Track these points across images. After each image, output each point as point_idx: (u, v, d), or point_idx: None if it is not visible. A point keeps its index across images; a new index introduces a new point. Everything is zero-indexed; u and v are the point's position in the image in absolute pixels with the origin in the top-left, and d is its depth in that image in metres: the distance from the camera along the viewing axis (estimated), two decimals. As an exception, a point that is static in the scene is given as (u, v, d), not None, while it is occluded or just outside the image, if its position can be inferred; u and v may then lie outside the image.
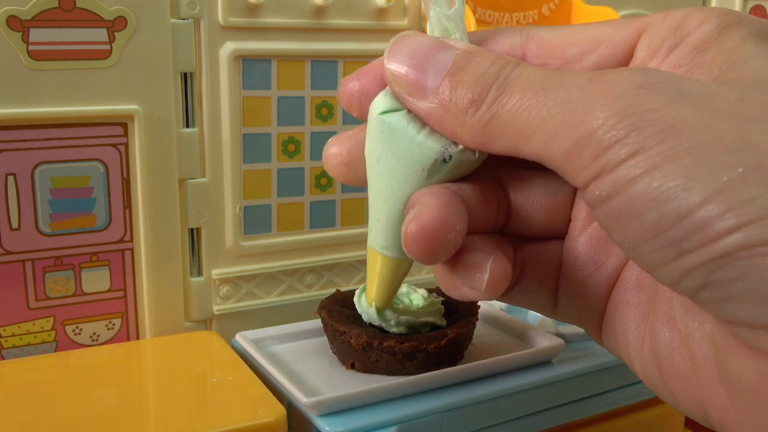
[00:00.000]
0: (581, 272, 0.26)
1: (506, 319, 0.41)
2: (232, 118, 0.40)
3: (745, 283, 0.18)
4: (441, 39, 0.25)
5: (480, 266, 0.24)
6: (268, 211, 0.43)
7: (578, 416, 0.38)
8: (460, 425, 0.34)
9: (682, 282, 0.19)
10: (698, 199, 0.18)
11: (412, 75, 0.24)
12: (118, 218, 0.38)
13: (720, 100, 0.19)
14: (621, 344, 0.25)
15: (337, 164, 0.27)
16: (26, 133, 0.35)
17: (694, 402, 0.22)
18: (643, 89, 0.20)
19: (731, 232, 0.18)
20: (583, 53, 0.25)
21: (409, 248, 0.23)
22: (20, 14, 0.34)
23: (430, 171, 0.25)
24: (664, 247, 0.19)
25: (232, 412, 0.32)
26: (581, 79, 0.21)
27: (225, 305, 0.42)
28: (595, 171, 0.20)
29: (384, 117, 0.25)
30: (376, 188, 0.26)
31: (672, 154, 0.18)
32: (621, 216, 0.20)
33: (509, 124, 0.22)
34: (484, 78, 0.23)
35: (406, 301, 0.36)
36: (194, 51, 0.39)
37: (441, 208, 0.23)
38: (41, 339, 0.38)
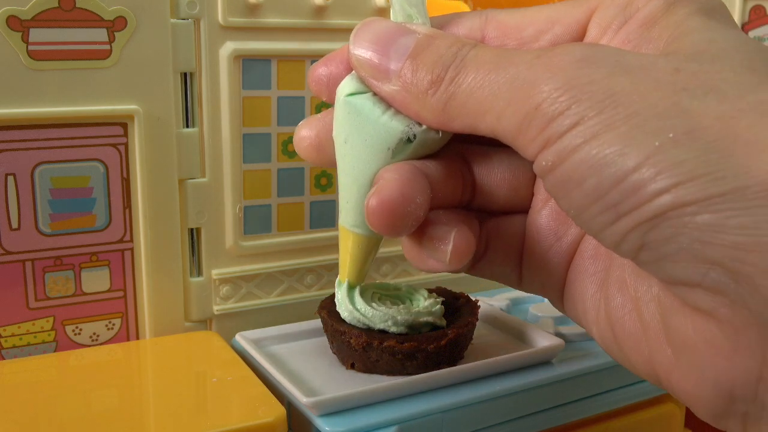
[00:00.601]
0: (543, 244, 0.27)
1: (506, 319, 0.41)
2: (232, 118, 0.40)
3: (676, 242, 0.19)
4: (403, 24, 0.26)
5: (443, 238, 0.25)
6: (268, 211, 0.43)
7: (578, 416, 0.38)
8: (460, 425, 0.34)
9: (622, 244, 0.20)
10: (632, 164, 0.19)
11: (375, 59, 0.25)
12: (118, 218, 0.38)
13: (657, 71, 0.20)
14: (580, 311, 0.26)
15: (306, 146, 0.29)
16: (26, 133, 0.35)
17: (644, 362, 0.23)
18: (584, 63, 0.21)
19: (662, 193, 0.18)
20: (539, 33, 0.26)
21: (371, 221, 0.25)
22: (20, 14, 0.34)
23: (395, 150, 0.26)
24: (603, 211, 0.20)
25: (232, 412, 0.32)
26: (529, 56, 0.22)
27: (225, 305, 0.42)
28: (541, 143, 0.21)
29: (350, 99, 0.26)
30: (344, 168, 0.27)
31: (610, 123, 0.19)
32: (565, 184, 0.21)
33: (465, 102, 0.23)
34: (442, 60, 0.24)
35: (405, 301, 0.36)
36: (194, 51, 0.39)
37: (402, 183, 0.25)
38: (41, 339, 0.38)
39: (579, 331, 0.40)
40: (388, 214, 0.24)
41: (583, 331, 0.41)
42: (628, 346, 0.24)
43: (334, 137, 0.28)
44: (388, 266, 0.46)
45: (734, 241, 0.18)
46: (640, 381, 0.39)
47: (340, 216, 0.29)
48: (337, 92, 0.27)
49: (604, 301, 0.25)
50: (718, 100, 0.19)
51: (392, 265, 0.46)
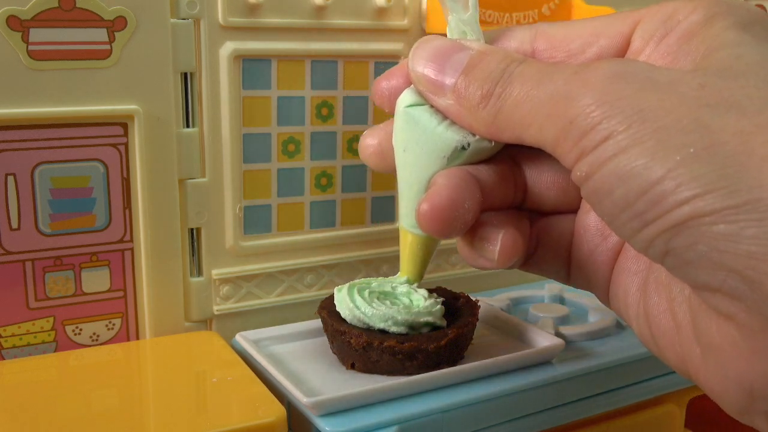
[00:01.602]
0: (590, 243, 0.29)
1: (506, 319, 0.41)
2: (232, 118, 0.40)
3: (696, 250, 0.20)
4: (458, 41, 0.28)
5: (492, 239, 0.28)
6: (268, 211, 0.43)
7: (578, 416, 0.38)
8: (460, 425, 0.34)
9: (649, 250, 0.22)
10: (656, 176, 0.20)
11: (432, 75, 0.27)
12: (118, 218, 0.38)
13: (683, 86, 0.22)
14: (623, 307, 0.28)
15: (370, 153, 0.31)
16: (26, 133, 0.35)
17: (677, 359, 0.25)
18: (615, 79, 0.22)
19: (682, 204, 0.20)
20: (585, 45, 0.28)
21: (422, 224, 0.27)
22: (20, 14, 0.34)
23: (450, 158, 0.28)
24: (631, 219, 0.21)
25: (232, 412, 0.32)
26: (567, 72, 0.24)
27: (225, 305, 0.42)
28: (577, 154, 0.23)
29: (409, 110, 0.28)
30: (403, 174, 0.30)
31: (637, 137, 0.21)
32: (597, 193, 0.22)
33: (512, 115, 0.25)
34: (492, 76, 0.26)
35: (405, 301, 0.36)
36: (194, 51, 0.39)
37: (451, 188, 0.27)
38: (41, 339, 0.38)
39: (579, 331, 0.41)
40: (438, 217, 0.26)
41: (583, 331, 0.41)
42: (663, 343, 0.25)
43: (393, 145, 0.30)
44: (388, 266, 0.46)
45: (748, 251, 0.19)
46: (640, 381, 0.39)
47: (400, 218, 0.31)
48: (397, 104, 0.29)
49: (643, 300, 0.26)
50: (738, 116, 0.20)
51: (392, 265, 0.46)
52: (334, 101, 0.43)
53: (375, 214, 0.46)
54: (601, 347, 0.40)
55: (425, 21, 0.44)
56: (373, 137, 0.31)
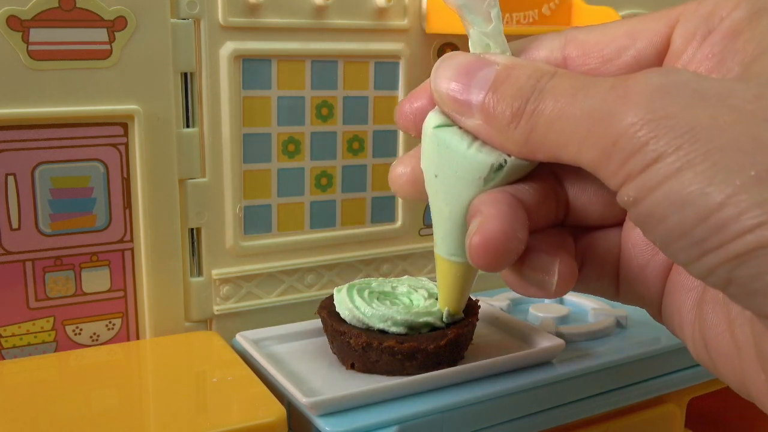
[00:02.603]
0: (640, 258, 0.27)
1: (506, 319, 0.41)
2: (232, 118, 0.40)
3: (764, 279, 0.19)
4: (482, 56, 0.26)
5: (548, 270, 0.25)
6: (268, 211, 0.43)
7: (578, 416, 0.38)
8: (460, 425, 0.34)
9: (709, 278, 0.20)
10: (714, 203, 0.19)
11: (457, 95, 0.25)
12: (118, 218, 0.38)
13: (736, 98, 0.20)
14: (677, 325, 0.26)
15: (404, 183, 0.29)
16: (26, 133, 0.35)
17: (738, 382, 0.23)
18: (660, 93, 0.20)
19: (746, 232, 0.18)
20: (621, 49, 0.26)
21: (474, 258, 0.24)
22: (20, 14, 0.34)
23: (486, 179, 0.26)
24: (688, 247, 0.20)
25: (232, 412, 0.32)
26: (605, 86, 0.22)
27: (225, 305, 0.42)
28: (622, 177, 0.21)
29: (438, 132, 0.26)
30: (437, 200, 0.28)
31: (689, 159, 0.19)
32: (648, 219, 0.21)
33: (546, 135, 0.23)
34: (522, 92, 0.24)
35: (405, 301, 0.36)
36: (194, 51, 0.39)
37: (502, 218, 0.24)
38: (41, 339, 0.38)
39: (579, 331, 0.40)
40: (492, 252, 0.24)
41: (583, 331, 0.41)
42: (722, 365, 0.24)
43: (423, 169, 0.28)
44: (388, 266, 0.46)
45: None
46: (640, 381, 0.39)
47: (435, 245, 0.29)
48: (424, 126, 0.27)
49: (699, 318, 0.25)
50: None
51: (392, 265, 0.46)
52: (334, 101, 0.43)
53: (375, 214, 0.46)
54: (601, 347, 0.40)
55: (425, 21, 0.44)
56: (404, 165, 0.29)
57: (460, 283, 0.30)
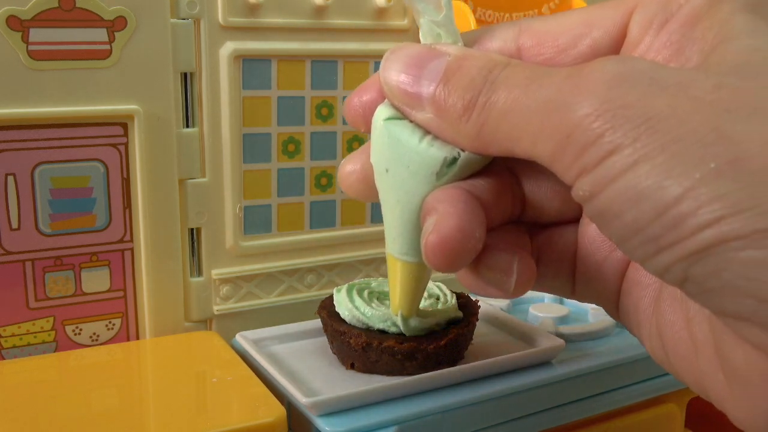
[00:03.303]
0: (597, 255, 0.26)
1: (506, 319, 0.41)
2: (232, 118, 0.40)
3: (721, 278, 0.18)
4: (433, 46, 0.25)
5: (506, 269, 0.24)
6: (268, 211, 0.43)
7: (578, 416, 0.38)
8: (460, 425, 0.34)
9: (665, 275, 0.19)
10: (672, 197, 0.18)
11: (407, 87, 0.24)
12: (118, 218, 0.38)
13: (696, 88, 0.19)
14: (634, 323, 0.25)
15: (354, 181, 0.28)
16: (26, 133, 0.35)
17: (696, 383, 0.23)
18: (616, 82, 0.20)
19: (705, 228, 0.18)
20: (576, 38, 0.25)
21: (430, 259, 0.23)
22: (20, 14, 0.34)
23: (439, 174, 0.25)
24: (644, 244, 0.19)
25: (232, 412, 0.32)
26: (560, 76, 0.21)
27: (225, 305, 0.42)
28: (577, 172, 0.20)
29: (388, 125, 0.25)
30: (388, 196, 0.26)
31: (646, 152, 0.18)
32: (604, 214, 0.20)
33: (499, 128, 0.22)
34: (474, 83, 0.23)
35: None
36: (194, 51, 0.39)
37: (459, 216, 0.23)
38: (41, 339, 0.38)
39: (579, 331, 0.40)
40: (449, 252, 0.23)
41: (583, 331, 0.41)
42: (679, 364, 0.23)
43: (373, 164, 0.27)
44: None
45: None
46: (640, 381, 0.39)
47: (387, 244, 0.28)
48: (374, 119, 0.26)
49: (656, 316, 0.24)
50: (763, 122, 0.18)
51: (392, 265, 0.46)
52: (334, 101, 0.43)
53: (375, 214, 0.46)
54: (601, 347, 0.40)
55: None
56: (354, 162, 0.28)
57: (414, 284, 0.28)
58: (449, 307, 0.35)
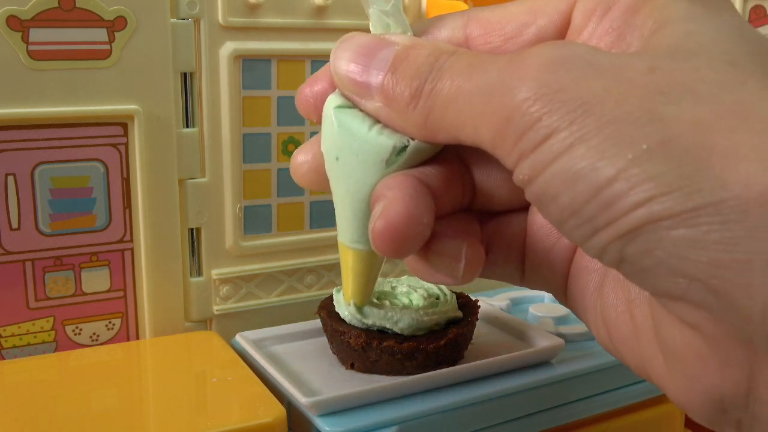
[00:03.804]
0: (545, 242, 0.26)
1: (506, 319, 0.41)
2: (232, 118, 0.40)
3: (654, 257, 0.18)
4: (382, 36, 0.25)
5: (455, 255, 0.25)
6: (268, 211, 0.43)
7: (578, 416, 0.38)
8: (460, 425, 0.34)
9: (603, 256, 0.20)
10: (605, 178, 0.18)
11: (357, 76, 0.24)
12: (118, 218, 0.38)
13: (630, 71, 0.19)
14: (580, 308, 0.26)
15: (306, 171, 0.28)
16: (26, 133, 0.35)
17: (637, 365, 0.23)
18: (554, 66, 0.20)
19: (636, 208, 0.18)
20: (522, 27, 0.25)
21: (377, 245, 0.24)
22: (20, 14, 0.34)
23: (388, 162, 0.25)
24: (581, 225, 0.19)
25: (232, 412, 0.32)
26: (501, 62, 0.21)
27: (225, 305, 0.42)
28: (516, 156, 0.20)
29: (338, 114, 0.25)
30: (338, 184, 0.26)
31: (581, 135, 0.19)
32: (542, 197, 0.20)
33: (444, 115, 0.22)
34: (420, 72, 0.23)
35: (405, 301, 0.36)
36: (194, 51, 0.39)
37: (407, 203, 0.24)
38: (41, 339, 0.38)
39: (579, 331, 0.40)
40: (397, 237, 0.23)
41: (584, 331, 0.41)
42: (621, 347, 0.24)
43: (324, 152, 0.27)
44: (388, 266, 0.46)
45: (711, 257, 0.17)
46: (640, 381, 0.39)
47: (339, 233, 0.28)
48: (324, 107, 0.26)
49: (600, 300, 0.24)
50: (695, 103, 0.18)
51: (392, 265, 0.46)
52: (334, 101, 0.43)
53: (375, 214, 0.46)
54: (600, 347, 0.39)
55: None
56: (305, 153, 0.28)
57: (366, 272, 0.28)
58: (449, 307, 0.35)
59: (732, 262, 0.17)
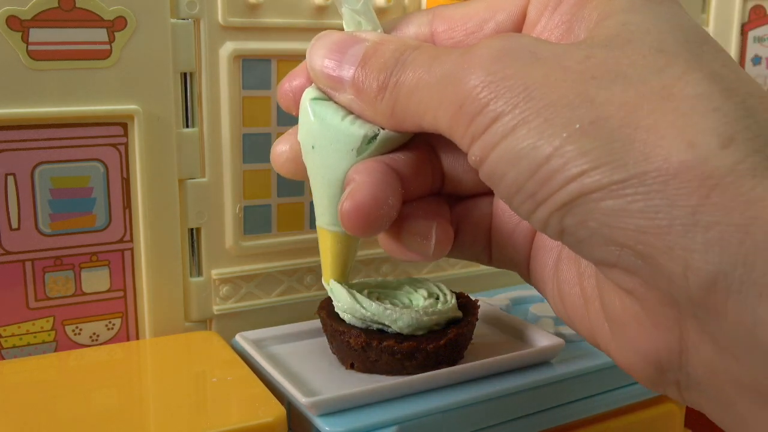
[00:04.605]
0: (509, 223, 0.28)
1: (506, 319, 0.41)
2: (232, 118, 0.40)
3: (587, 227, 0.20)
4: (353, 33, 0.27)
5: (425, 234, 0.27)
6: (268, 211, 0.43)
7: (578, 416, 0.38)
8: (460, 425, 0.34)
9: (547, 229, 0.22)
10: (544, 155, 0.20)
11: (330, 71, 0.27)
12: (118, 218, 0.38)
13: (568, 59, 0.21)
14: (540, 284, 0.28)
15: (285, 161, 0.30)
16: (26, 133, 0.35)
17: (588, 334, 0.25)
18: (501, 56, 0.22)
19: (570, 181, 0.20)
20: (482, 22, 0.27)
21: (345, 224, 0.26)
22: (20, 14, 0.34)
23: (359, 149, 0.27)
24: (525, 201, 0.21)
25: (232, 412, 0.32)
26: (456, 54, 0.23)
27: (225, 305, 0.42)
28: (469, 139, 0.22)
29: (314, 105, 0.28)
30: (314, 171, 0.29)
31: (524, 117, 0.21)
32: (492, 177, 0.22)
33: (408, 104, 0.25)
34: (386, 65, 0.25)
35: (405, 301, 0.36)
36: (194, 51, 0.39)
37: (373, 185, 0.26)
38: (41, 339, 0.38)
39: (579, 331, 0.40)
40: (362, 217, 0.26)
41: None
42: (574, 317, 0.26)
43: (300, 141, 0.29)
44: (388, 266, 0.46)
45: (637, 225, 0.19)
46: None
47: (317, 217, 0.30)
48: (302, 100, 0.28)
49: (556, 274, 0.26)
50: (624, 86, 0.20)
51: (392, 265, 0.46)
52: (334, 101, 0.43)
53: (375, 214, 0.46)
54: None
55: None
56: (284, 143, 0.30)
57: (343, 252, 0.31)
58: (449, 307, 0.35)
59: (654, 228, 0.19)
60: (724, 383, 0.20)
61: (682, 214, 0.19)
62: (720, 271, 0.18)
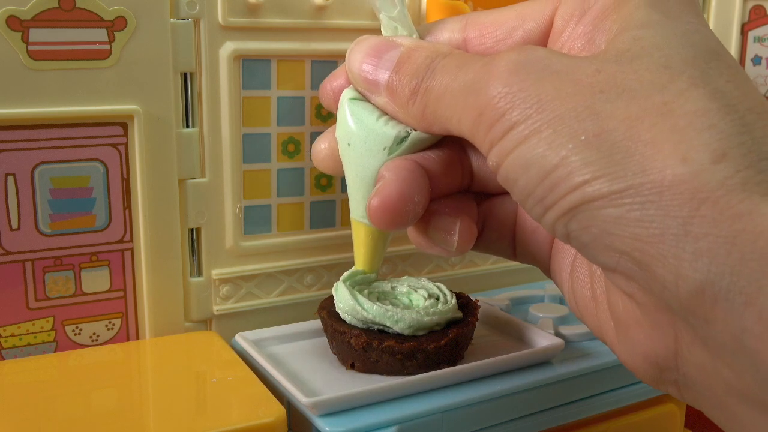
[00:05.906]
0: (532, 222, 0.30)
1: (506, 319, 0.41)
2: (232, 118, 0.40)
3: (590, 233, 0.21)
4: (390, 38, 0.29)
5: (449, 230, 0.29)
6: (268, 211, 0.43)
7: (578, 416, 0.38)
8: (460, 425, 0.34)
9: (555, 232, 0.23)
10: (552, 164, 0.22)
11: (367, 75, 0.29)
12: (118, 218, 0.38)
13: (579, 73, 0.23)
14: (559, 281, 0.29)
15: (323, 157, 0.33)
16: (26, 133, 0.35)
17: (597, 330, 0.27)
18: (518, 68, 0.23)
19: (574, 190, 0.21)
20: (512, 30, 0.29)
21: (373, 219, 0.28)
22: (20, 14, 0.34)
23: (391, 149, 0.29)
24: (535, 205, 0.23)
25: (232, 412, 0.32)
26: (480, 64, 0.25)
27: (225, 305, 0.42)
28: (488, 145, 0.24)
29: (351, 104, 0.30)
30: (349, 167, 0.31)
31: (535, 127, 0.22)
32: (507, 181, 0.24)
33: (437, 109, 0.26)
34: (418, 71, 0.27)
35: (405, 301, 0.36)
36: (194, 51, 0.39)
37: (401, 182, 0.28)
38: (41, 339, 0.38)
39: (579, 331, 0.41)
40: (389, 212, 0.27)
41: (584, 331, 0.41)
42: (585, 314, 0.27)
43: (338, 138, 0.31)
44: (388, 266, 0.46)
45: (634, 233, 0.20)
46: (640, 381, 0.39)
47: (351, 210, 0.32)
48: (341, 98, 0.30)
49: (572, 274, 0.28)
50: (628, 101, 0.21)
51: (392, 265, 0.46)
52: (334, 101, 0.43)
53: (375, 214, 0.46)
54: (601, 347, 0.40)
55: (425, 21, 0.44)
56: (324, 141, 0.32)
57: (374, 244, 0.33)
58: (449, 308, 0.35)
59: (649, 237, 0.20)
60: (716, 385, 0.21)
61: (674, 225, 0.19)
62: (708, 279, 0.19)
